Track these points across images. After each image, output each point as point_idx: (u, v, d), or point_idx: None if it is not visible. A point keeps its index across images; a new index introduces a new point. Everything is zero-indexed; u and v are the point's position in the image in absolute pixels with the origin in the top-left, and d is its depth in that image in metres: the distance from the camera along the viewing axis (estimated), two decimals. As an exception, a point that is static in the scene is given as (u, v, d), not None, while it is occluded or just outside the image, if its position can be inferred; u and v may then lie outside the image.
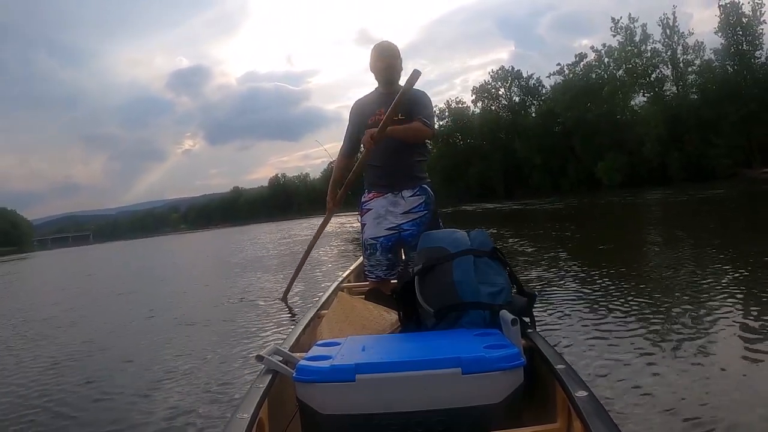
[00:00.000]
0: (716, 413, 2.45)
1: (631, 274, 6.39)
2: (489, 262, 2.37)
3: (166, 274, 15.14)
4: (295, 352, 2.15)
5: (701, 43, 44.66)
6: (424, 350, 1.87)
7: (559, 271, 7.02)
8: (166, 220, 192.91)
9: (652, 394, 2.74)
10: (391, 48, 3.39)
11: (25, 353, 5.69)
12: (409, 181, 3.35)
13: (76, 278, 17.87)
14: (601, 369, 3.19)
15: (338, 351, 1.88)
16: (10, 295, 14.19)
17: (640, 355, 3.36)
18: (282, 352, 2.03)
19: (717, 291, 4.84)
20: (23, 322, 8.09)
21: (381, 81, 3.42)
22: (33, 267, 29.92)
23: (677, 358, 3.27)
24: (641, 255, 8.18)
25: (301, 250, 6.44)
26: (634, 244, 9.65)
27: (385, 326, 2.43)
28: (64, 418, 3.49)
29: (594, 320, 4.36)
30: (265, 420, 1.76)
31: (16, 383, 4.42)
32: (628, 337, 3.80)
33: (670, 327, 3.95)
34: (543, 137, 51.86)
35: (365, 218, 3.41)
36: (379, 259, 3.27)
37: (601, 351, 3.54)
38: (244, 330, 5.44)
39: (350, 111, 3.54)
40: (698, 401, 2.59)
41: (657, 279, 5.89)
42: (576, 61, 52.10)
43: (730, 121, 38.56)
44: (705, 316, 4.14)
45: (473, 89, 63.94)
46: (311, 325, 2.86)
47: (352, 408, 1.67)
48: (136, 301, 9.14)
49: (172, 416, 3.23)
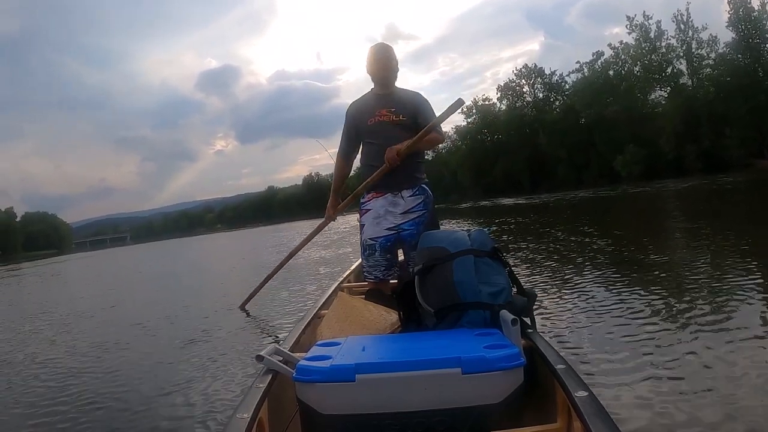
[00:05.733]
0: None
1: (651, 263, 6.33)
2: (489, 262, 2.37)
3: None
4: (295, 352, 2.16)
5: (715, 37, 45.13)
6: (424, 350, 1.87)
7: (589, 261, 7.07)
8: (201, 220, 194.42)
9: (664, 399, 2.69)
10: (387, 50, 3.45)
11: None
12: (408, 181, 3.38)
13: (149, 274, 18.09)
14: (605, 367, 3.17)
15: (338, 351, 1.88)
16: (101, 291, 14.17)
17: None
18: (282, 352, 2.03)
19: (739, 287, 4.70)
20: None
21: (377, 82, 3.47)
22: (86, 267, 29.78)
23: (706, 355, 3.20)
24: (662, 245, 8.11)
25: (339, 246, 6.38)
26: (652, 235, 9.63)
27: (385, 326, 2.44)
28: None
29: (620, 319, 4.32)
30: (265, 420, 1.77)
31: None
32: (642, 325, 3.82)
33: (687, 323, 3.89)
34: (566, 132, 52.70)
35: (364, 218, 3.43)
36: (377, 259, 3.29)
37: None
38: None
39: (347, 112, 3.56)
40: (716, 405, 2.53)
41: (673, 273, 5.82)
42: (594, 59, 53.05)
43: (742, 113, 39.02)
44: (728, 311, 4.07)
45: (498, 87, 65.59)
46: (311, 325, 2.86)
47: (352, 408, 1.68)
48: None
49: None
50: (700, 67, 45.60)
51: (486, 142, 64.39)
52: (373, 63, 3.40)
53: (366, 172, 3.47)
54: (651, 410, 2.52)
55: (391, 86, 3.45)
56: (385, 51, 3.43)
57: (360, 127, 3.45)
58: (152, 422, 3.24)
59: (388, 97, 3.41)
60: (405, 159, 3.26)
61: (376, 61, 3.39)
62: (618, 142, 45.84)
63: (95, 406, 3.65)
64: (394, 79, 3.46)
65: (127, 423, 3.29)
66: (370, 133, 3.41)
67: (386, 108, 3.36)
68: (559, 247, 9.42)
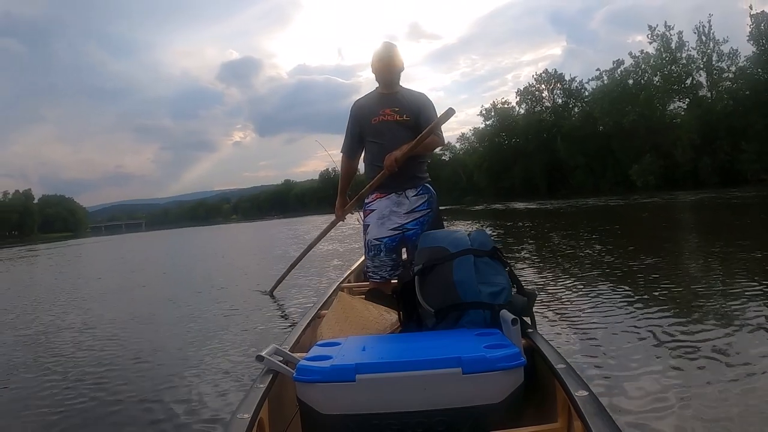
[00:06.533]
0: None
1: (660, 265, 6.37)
2: (489, 262, 2.38)
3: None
4: (295, 352, 2.16)
5: (736, 50, 44.72)
6: (425, 350, 1.87)
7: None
8: (217, 210, 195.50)
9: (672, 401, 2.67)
10: (391, 50, 3.43)
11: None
12: (412, 181, 3.38)
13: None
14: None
15: (338, 351, 1.88)
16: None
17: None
18: (282, 352, 2.03)
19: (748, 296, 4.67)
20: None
21: (381, 82, 3.46)
22: (105, 250, 30.19)
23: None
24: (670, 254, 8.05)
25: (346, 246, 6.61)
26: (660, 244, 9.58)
27: (385, 326, 2.44)
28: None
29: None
30: (265, 420, 1.76)
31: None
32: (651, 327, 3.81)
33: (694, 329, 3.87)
34: (584, 139, 52.83)
35: (369, 219, 3.42)
36: (383, 259, 3.28)
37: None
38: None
39: (351, 111, 3.56)
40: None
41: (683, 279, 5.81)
42: (614, 67, 52.72)
43: (760, 128, 38.72)
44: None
45: (518, 91, 65.77)
46: (311, 325, 2.86)
47: (352, 408, 1.68)
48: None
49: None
50: (719, 79, 45.28)
51: (504, 145, 64.46)
52: (377, 63, 3.40)
53: (370, 172, 3.47)
54: (651, 410, 2.51)
55: (395, 86, 3.44)
56: (389, 51, 3.42)
57: (364, 126, 3.45)
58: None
59: (393, 96, 3.40)
60: (408, 159, 3.26)
61: (380, 60, 3.39)
62: (635, 151, 45.73)
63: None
64: (398, 79, 3.45)
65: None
66: (374, 133, 3.40)
67: (390, 108, 3.36)
68: (559, 251, 9.49)
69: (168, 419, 3.05)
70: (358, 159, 3.67)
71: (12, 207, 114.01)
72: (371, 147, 3.46)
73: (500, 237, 13.73)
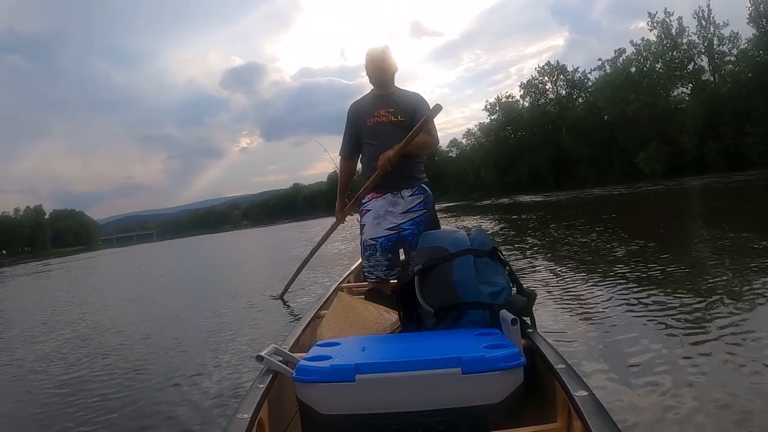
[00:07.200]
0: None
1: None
2: (489, 262, 2.37)
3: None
4: (295, 352, 2.16)
5: (737, 33, 44.70)
6: (424, 350, 1.86)
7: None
8: (228, 217, 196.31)
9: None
10: (383, 52, 3.46)
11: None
12: (408, 181, 3.38)
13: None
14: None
15: (338, 351, 1.88)
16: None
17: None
18: (282, 352, 2.03)
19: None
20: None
21: (375, 83, 3.49)
22: (120, 262, 30.27)
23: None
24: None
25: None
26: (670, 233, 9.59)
27: (385, 326, 2.43)
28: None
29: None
30: (265, 420, 1.77)
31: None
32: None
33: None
34: (589, 129, 52.80)
35: (365, 219, 3.43)
36: (378, 259, 3.29)
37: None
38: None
39: (348, 113, 3.58)
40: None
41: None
42: (616, 56, 52.67)
43: (764, 110, 38.48)
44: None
45: (521, 84, 65.97)
46: (311, 325, 2.86)
47: (352, 408, 1.68)
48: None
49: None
50: (721, 63, 45.26)
51: (509, 139, 64.59)
52: (370, 65, 3.43)
53: (367, 173, 3.49)
54: (652, 410, 2.51)
55: (389, 87, 3.47)
56: (381, 53, 3.45)
57: (360, 127, 3.47)
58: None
59: (387, 97, 3.42)
60: (403, 159, 3.26)
61: (372, 62, 3.42)
62: (640, 139, 45.74)
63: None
64: (392, 80, 3.48)
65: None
66: (370, 134, 3.42)
67: (385, 108, 3.38)
68: (560, 245, 9.45)
69: (168, 419, 3.14)
70: (356, 161, 3.68)
71: (24, 223, 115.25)
72: (368, 148, 3.47)
73: (503, 231, 13.81)
